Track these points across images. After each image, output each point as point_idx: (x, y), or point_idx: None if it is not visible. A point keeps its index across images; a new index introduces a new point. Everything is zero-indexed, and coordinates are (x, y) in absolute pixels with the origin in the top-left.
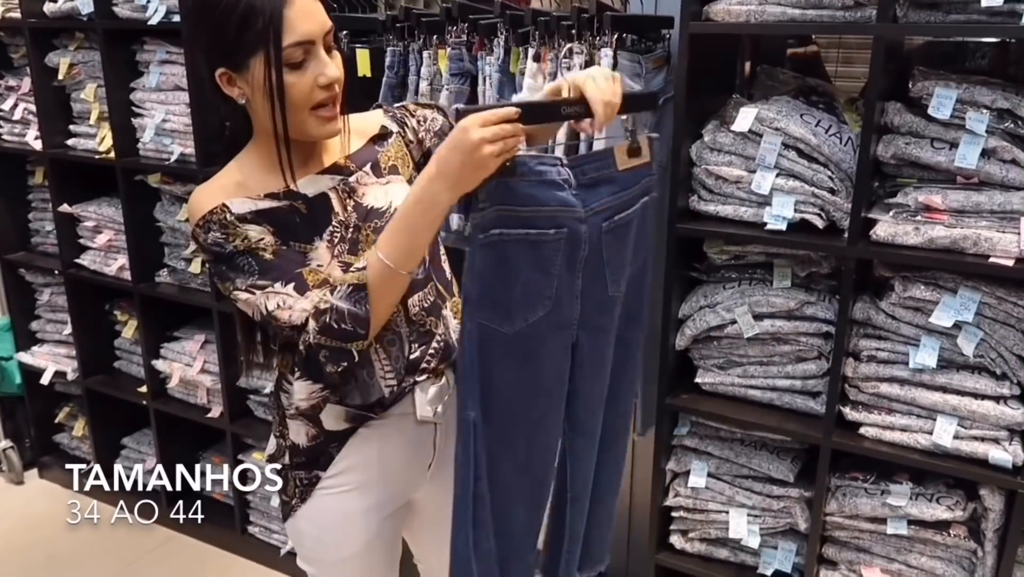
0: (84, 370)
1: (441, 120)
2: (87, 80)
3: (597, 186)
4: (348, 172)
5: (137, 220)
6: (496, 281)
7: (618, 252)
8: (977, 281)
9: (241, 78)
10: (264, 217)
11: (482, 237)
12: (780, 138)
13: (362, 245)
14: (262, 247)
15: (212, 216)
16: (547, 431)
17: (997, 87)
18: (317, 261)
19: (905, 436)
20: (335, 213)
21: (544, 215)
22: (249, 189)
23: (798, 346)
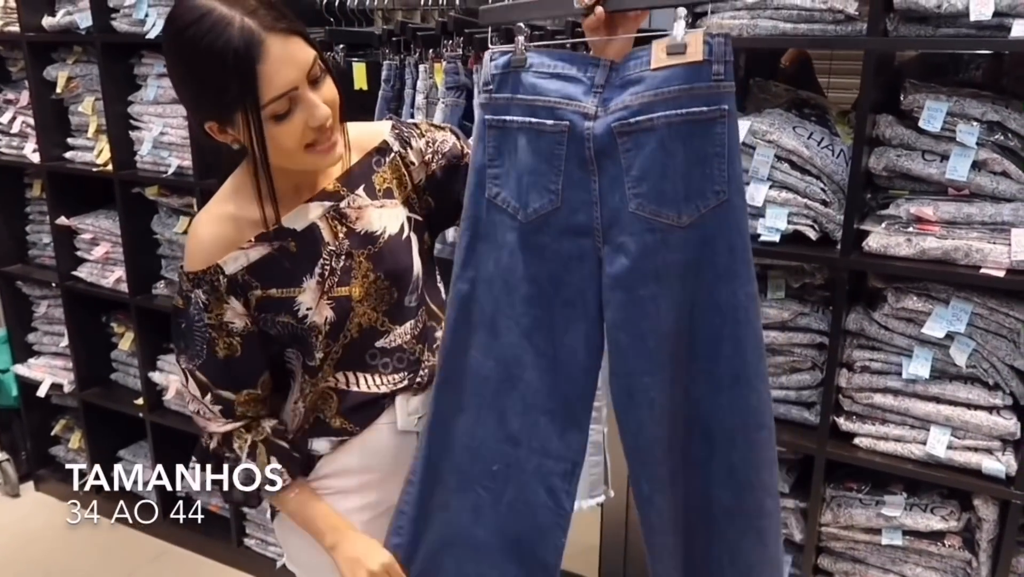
0: (81, 382)
1: (452, 142)
2: (85, 93)
3: (626, 86)
4: (339, 197)
5: (134, 232)
6: (505, 164)
7: (644, 160)
8: (969, 292)
9: (231, 127)
10: (254, 273)
11: (489, 119)
12: (773, 150)
13: (354, 273)
14: (227, 336)
15: (205, 276)
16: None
17: (987, 100)
18: (306, 304)
19: (899, 446)
20: (325, 244)
21: (542, 105)
22: (240, 228)
23: (792, 357)
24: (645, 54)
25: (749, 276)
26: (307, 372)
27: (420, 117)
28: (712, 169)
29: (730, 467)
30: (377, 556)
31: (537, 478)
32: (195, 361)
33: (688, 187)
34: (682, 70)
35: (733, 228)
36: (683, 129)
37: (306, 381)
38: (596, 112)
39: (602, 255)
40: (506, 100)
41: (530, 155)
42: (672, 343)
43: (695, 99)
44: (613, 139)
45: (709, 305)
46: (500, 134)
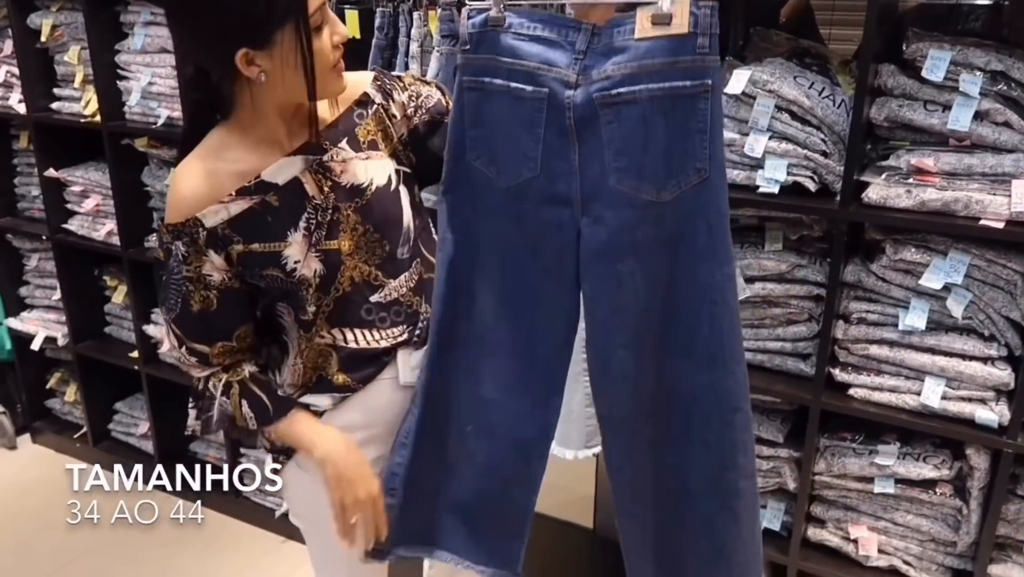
0: (75, 336)
1: (436, 97)
2: (70, 42)
3: (608, 54)
4: (322, 151)
5: (125, 185)
6: (483, 127)
7: (625, 133)
8: (967, 244)
9: (264, 55)
10: (235, 227)
11: (467, 80)
12: (773, 100)
13: (342, 226)
14: (204, 288)
15: (185, 228)
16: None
17: (991, 49)
18: (293, 258)
19: (893, 397)
20: (310, 198)
21: (521, 69)
22: (221, 182)
23: (789, 309)
24: (629, 22)
25: (727, 256)
26: (301, 327)
27: (415, 67)
28: (694, 146)
29: (705, 446)
30: (366, 483)
31: (508, 442)
32: (171, 313)
33: (669, 163)
34: (666, 42)
35: (712, 207)
36: (666, 103)
37: (301, 336)
38: (577, 80)
39: (580, 226)
40: (484, 61)
41: (508, 121)
42: (649, 319)
43: (679, 72)
44: (594, 110)
45: (687, 283)
46: (478, 97)
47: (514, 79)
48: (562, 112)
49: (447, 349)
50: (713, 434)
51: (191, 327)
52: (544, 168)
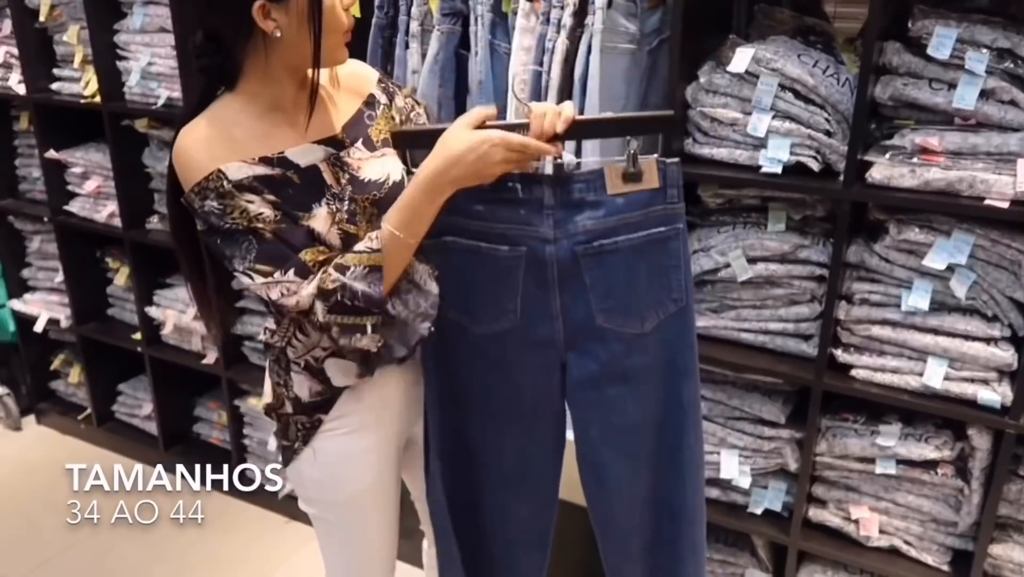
0: (77, 317)
1: (424, 117)
2: (69, 22)
3: (580, 207)
4: (341, 146)
5: (126, 166)
6: (453, 285)
7: (608, 279)
8: (971, 224)
9: (280, 8)
10: (262, 183)
11: (431, 241)
12: (777, 79)
13: (359, 217)
14: (260, 223)
15: (208, 183)
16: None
17: (998, 26)
18: (317, 227)
19: (896, 378)
20: (328, 186)
21: (495, 232)
22: (241, 148)
23: (791, 289)
24: (595, 178)
25: (697, 368)
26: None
27: (415, 45)
28: (670, 280)
29: (694, 544)
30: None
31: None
32: (248, 258)
33: (650, 297)
34: (639, 195)
35: (690, 329)
36: (644, 248)
37: None
38: (555, 236)
39: (566, 360)
40: (443, 223)
41: (480, 277)
42: (640, 435)
43: (654, 220)
44: (576, 261)
45: (674, 401)
46: (441, 257)
47: (484, 239)
48: (543, 267)
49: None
50: (699, 531)
51: (275, 254)
52: (524, 317)
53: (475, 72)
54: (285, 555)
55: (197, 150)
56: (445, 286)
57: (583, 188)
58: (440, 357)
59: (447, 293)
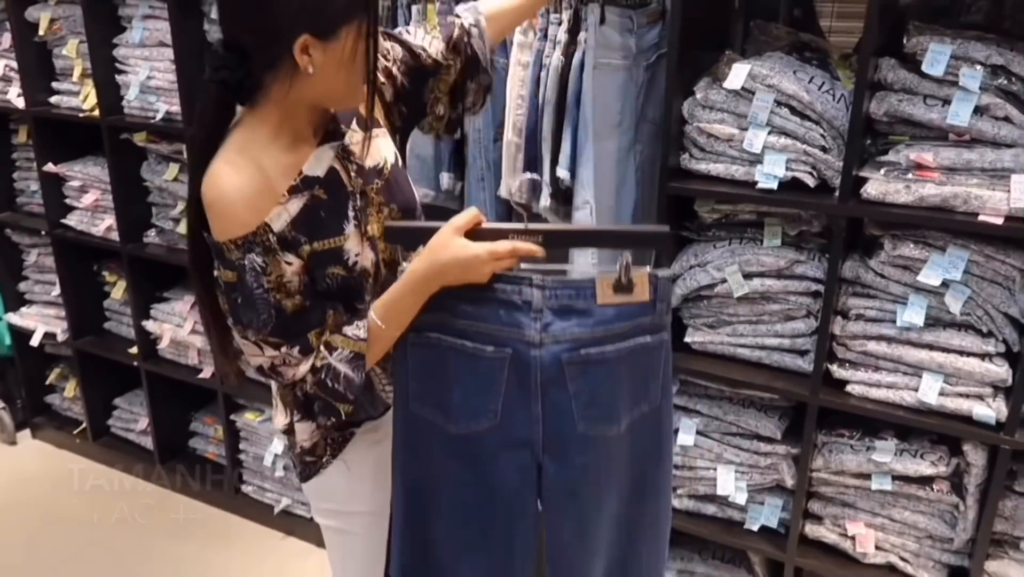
0: (74, 331)
1: (398, 48)
2: (69, 35)
3: (568, 314)
4: (340, 134)
5: (124, 180)
6: (433, 381)
7: (592, 388)
8: (966, 239)
9: (321, 46)
10: (299, 227)
11: (414, 336)
12: (773, 95)
13: (370, 210)
14: (289, 291)
15: (255, 238)
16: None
17: (992, 43)
18: (354, 251)
19: (891, 393)
20: (345, 186)
21: (481, 331)
22: (273, 184)
23: (787, 305)
24: (586, 286)
25: (670, 474)
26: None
27: None
28: (649, 385)
29: None
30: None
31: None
32: (264, 329)
33: (628, 401)
34: (630, 307)
35: (665, 426)
36: (628, 357)
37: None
38: (541, 340)
39: (542, 462)
40: (431, 318)
41: (464, 376)
42: (613, 529)
43: (642, 330)
44: (561, 368)
45: (649, 490)
46: (424, 352)
47: (470, 339)
48: (528, 370)
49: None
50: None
51: (290, 329)
52: (504, 418)
53: None
54: (283, 570)
55: (240, 203)
56: (426, 383)
57: (573, 295)
58: (411, 452)
59: (428, 389)
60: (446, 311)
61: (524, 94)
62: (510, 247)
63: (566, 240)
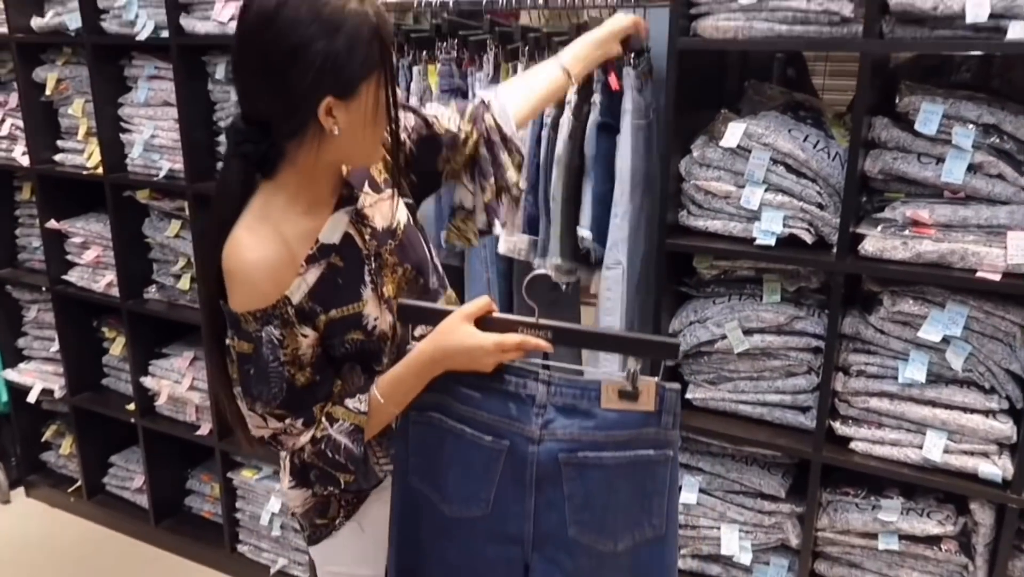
0: (71, 387)
1: (412, 118)
2: (75, 95)
3: (570, 413)
4: (353, 198)
5: (125, 236)
6: (431, 460)
7: (588, 492)
8: (965, 295)
9: (344, 106)
10: (316, 298)
11: (416, 414)
12: (768, 153)
13: (385, 271)
14: (302, 364)
15: (275, 311)
16: None
17: (983, 102)
18: (373, 316)
19: (895, 450)
20: (360, 250)
21: (481, 420)
22: (293, 251)
23: (788, 361)
24: (591, 387)
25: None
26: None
27: None
28: (652, 504)
29: None
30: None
31: None
32: (273, 402)
33: (628, 519)
34: (634, 415)
35: (668, 561)
36: (629, 468)
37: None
38: (540, 436)
39: (530, 561)
40: (435, 399)
41: (461, 461)
42: None
43: (644, 442)
44: (558, 467)
45: None
46: (425, 430)
47: (469, 425)
48: (524, 464)
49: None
50: None
51: (298, 403)
52: (496, 509)
53: None
54: None
55: (262, 275)
56: (425, 459)
57: (577, 394)
58: (408, 523)
59: (426, 466)
60: (449, 394)
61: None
62: (517, 341)
63: (575, 339)
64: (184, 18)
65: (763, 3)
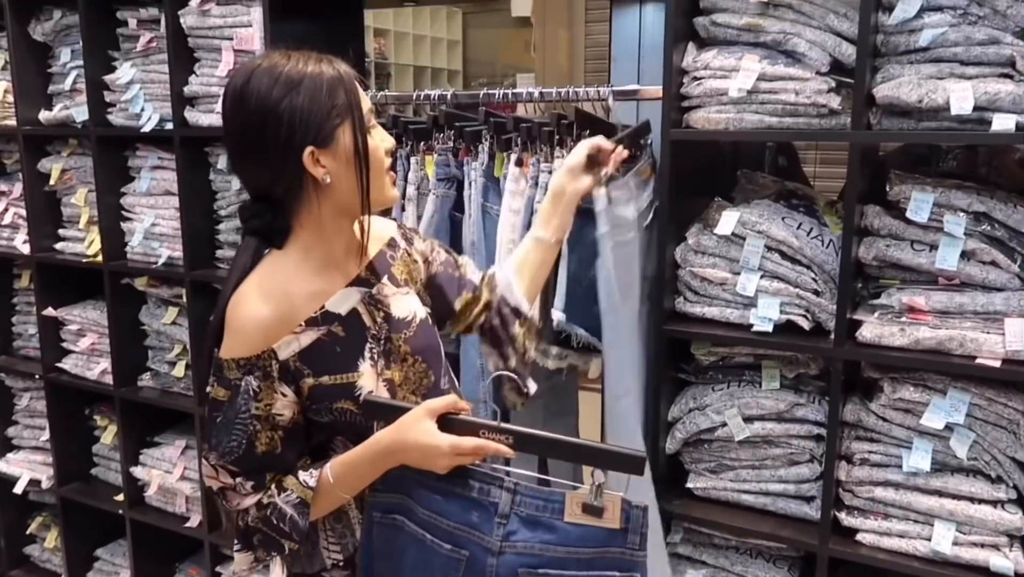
0: (60, 478)
1: (445, 255)
2: (78, 185)
3: (533, 525)
4: (370, 284)
5: (122, 323)
6: (392, 561)
7: None
8: (966, 382)
9: (328, 153)
10: (305, 359)
11: (379, 516)
12: (763, 241)
13: (394, 357)
14: (271, 429)
15: (259, 361)
16: None
17: (972, 191)
18: (366, 388)
19: (903, 542)
20: (367, 328)
21: (442, 527)
22: (295, 310)
23: (790, 449)
24: (557, 499)
25: None
26: None
27: (411, 208)
28: None
29: None
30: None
31: None
32: (229, 457)
33: None
34: (597, 531)
35: None
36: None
37: None
38: (501, 548)
39: None
40: (397, 500)
41: (418, 566)
42: None
43: (607, 563)
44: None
45: None
46: (390, 532)
47: (430, 531)
48: (481, 575)
49: None
50: None
51: (250, 465)
52: None
53: (468, 233)
54: None
55: (258, 329)
56: (387, 561)
57: (541, 505)
58: None
59: (388, 568)
60: (413, 496)
61: (515, 238)
62: (474, 445)
63: (537, 446)
64: (189, 111)
65: (753, 96)
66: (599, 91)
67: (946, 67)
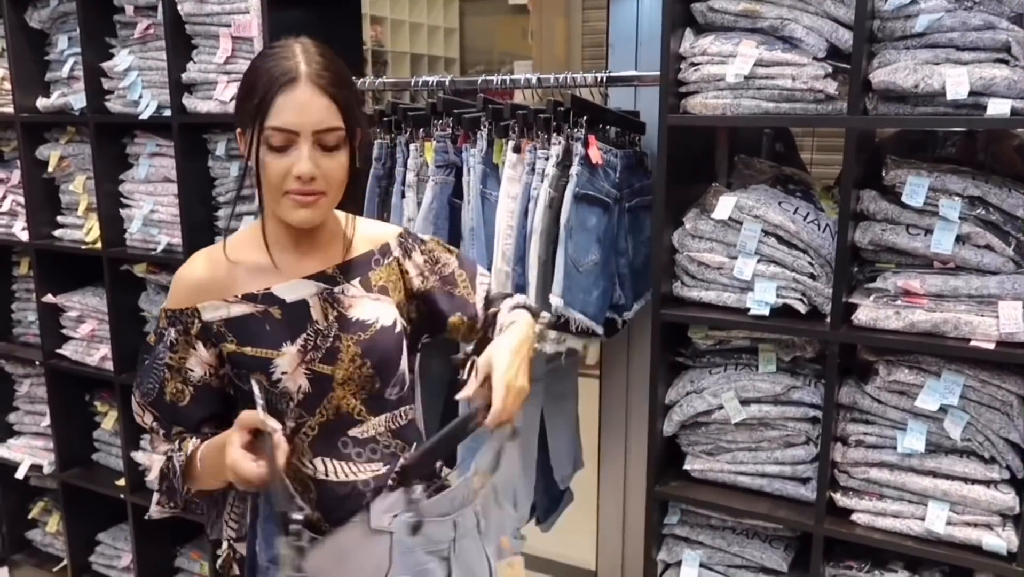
0: (61, 463)
1: (453, 267)
2: (77, 172)
3: None
4: (335, 282)
5: (121, 310)
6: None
7: None
8: (960, 364)
9: (243, 138)
10: (231, 327)
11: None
12: (760, 225)
13: (340, 355)
14: (181, 381)
15: (182, 316)
16: None
17: (967, 175)
18: (282, 368)
19: (898, 522)
20: (313, 321)
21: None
22: (234, 276)
23: (786, 431)
24: None
25: None
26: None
27: (411, 195)
28: None
29: None
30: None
31: None
32: (147, 398)
33: None
34: None
35: None
36: None
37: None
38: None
39: None
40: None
41: None
42: None
43: None
44: None
45: None
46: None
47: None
48: None
49: None
50: None
51: (163, 412)
52: None
53: (467, 220)
54: None
55: (187, 285)
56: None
57: None
58: None
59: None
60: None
61: (513, 224)
62: (254, 473)
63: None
64: (187, 98)
65: (750, 81)
66: (596, 77)
67: (942, 52)
